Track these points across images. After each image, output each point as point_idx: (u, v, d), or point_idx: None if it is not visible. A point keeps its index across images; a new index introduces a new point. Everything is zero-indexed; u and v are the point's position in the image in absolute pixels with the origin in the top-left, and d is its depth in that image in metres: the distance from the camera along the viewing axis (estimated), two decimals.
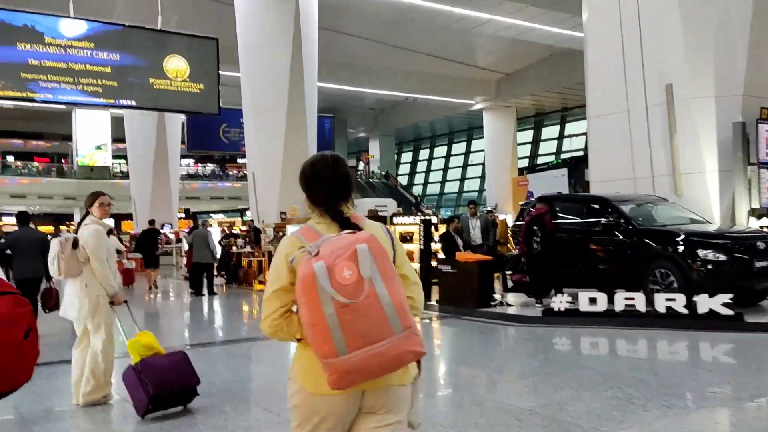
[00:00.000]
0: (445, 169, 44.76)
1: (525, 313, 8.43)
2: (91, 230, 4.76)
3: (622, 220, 8.58)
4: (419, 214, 13.77)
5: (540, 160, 36.77)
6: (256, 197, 17.90)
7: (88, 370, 4.74)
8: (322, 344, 1.78)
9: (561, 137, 37.02)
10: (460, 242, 10.13)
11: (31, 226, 8.84)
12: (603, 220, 8.74)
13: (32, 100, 15.74)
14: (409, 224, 12.09)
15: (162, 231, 18.99)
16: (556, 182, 23.42)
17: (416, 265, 12.35)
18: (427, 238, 9.91)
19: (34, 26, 15.05)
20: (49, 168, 39.36)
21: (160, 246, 16.63)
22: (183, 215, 30.73)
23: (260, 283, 13.83)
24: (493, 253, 9.94)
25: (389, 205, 18.21)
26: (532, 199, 11.32)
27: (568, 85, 29.90)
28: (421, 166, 47.45)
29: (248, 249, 14.84)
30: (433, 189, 45.42)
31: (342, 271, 1.77)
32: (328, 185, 2.04)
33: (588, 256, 8.90)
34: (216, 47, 17.26)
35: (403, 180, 46.15)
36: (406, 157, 49.26)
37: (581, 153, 33.24)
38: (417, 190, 45.53)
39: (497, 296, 9.24)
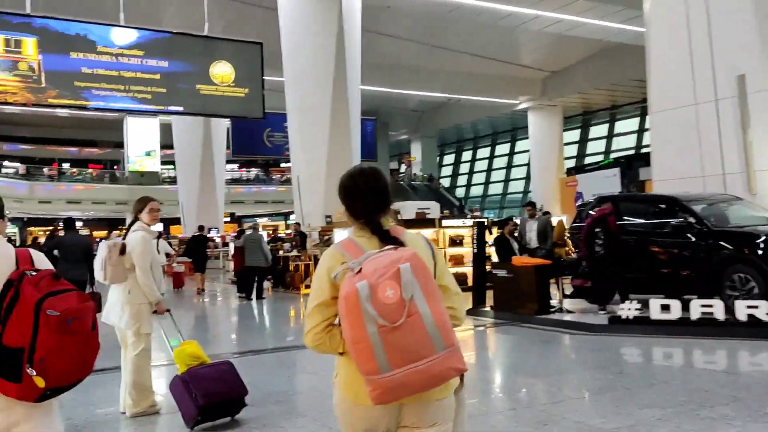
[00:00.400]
0: (489, 170, 44.08)
1: (589, 321, 7.98)
2: (138, 237, 4.70)
3: (693, 221, 8.05)
4: (468, 216, 13.38)
5: (588, 160, 35.90)
6: (300, 200, 17.80)
7: (129, 382, 4.69)
8: (365, 362, 1.81)
9: (610, 136, 35.99)
10: (515, 246, 9.71)
11: (78, 231, 8.97)
12: (672, 221, 8.22)
13: (85, 108, 16.02)
14: (458, 227, 11.74)
15: (209, 236, 19.09)
16: (608, 182, 22.73)
17: (466, 269, 12.03)
18: (481, 241, 9.54)
19: (86, 35, 15.31)
20: (102, 174, 40.44)
21: (208, 251, 16.72)
22: (228, 219, 31.02)
23: (306, 287, 13.69)
24: (551, 256, 9.48)
25: (432, 208, 17.93)
26: (590, 200, 10.83)
27: (619, 81, 29.05)
28: (464, 168, 46.86)
29: (294, 253, 14.72)
30: (476, 191, 44.78)
31: (385, 291, 1.78)
32: (367, 198, 2.04)
33: (655, 259, 8.40)
34: (260, 52, 17.31)
35: (446, 182, 45.67)
36: (449, 159, 48.75)
37: (632, 152, 32.52)
38: (459, 192, 44.99)
39: (555, 302, 8.82)
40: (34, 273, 2.05)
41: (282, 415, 4.71)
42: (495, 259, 9.89)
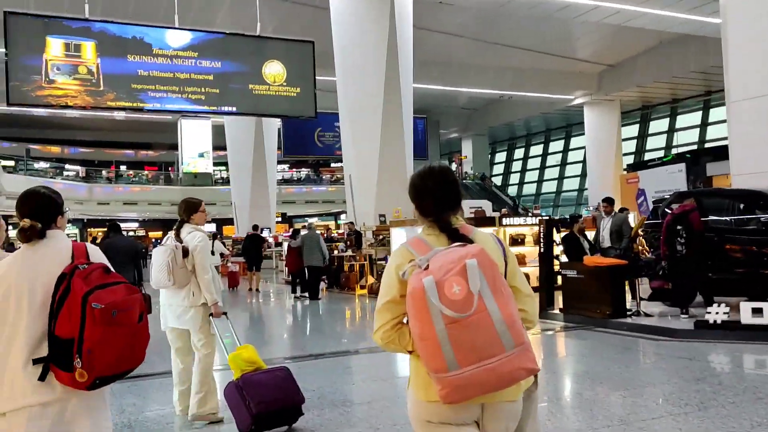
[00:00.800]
0: (542, 168, 43.05)
1: (672, 326, 7.40)
2: (198, 238, 4.62)
3: None
4: (530, 214, 12.83)
5: (647, 156, 34.65)
6: (353, 200, 17.58)
7: (198, 383, 4.59)
8: (433, 359, 1.78)
9: (671, 131, 34.59)
10: (586, 245, 9.15)
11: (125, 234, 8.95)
12: (763, 217, 7.55)
13: (141, 110, 16.18)
14: (520, 225, 11.24)
15: (263, 235, 19.13)
16: (672, 178, 21.70)
17: (529, 269, 11.50)
18: (549, 240, 9.03)
19: (142, 38, 15.45)
20: (157, 176, 41.37)
21: (263, 250, 16.90)
22: (279, 219, 31.17)
23: (362, 287, 13.43)
24: (627, 256, 8.88)
25: (484, 207, 17.52)
26: (663, 196, 10.13)
27: (680, 74, 27.82)
28: (516, 166, 45.92)
29: (349, 253, 14.45)
30: (529, 189, 43.81)
31: (451, 287, 1.76)
32: (436, 196, 2.04)
33: (742, 259, 7.74)
34: (312, 50, 17.17)
35: (497, 181, 44.86)
36: (500, 157, 47.87)
37: (695, 146, 31.12)
38: (511, 191, 44.10)
39: (631, 305, 8.25)
40: (85, 266, 2.13)
41: (341, 425, 4.44)
42: (564, 258, 9.33)
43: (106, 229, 9.37)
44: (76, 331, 2.02)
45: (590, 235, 9.84)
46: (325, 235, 18.64)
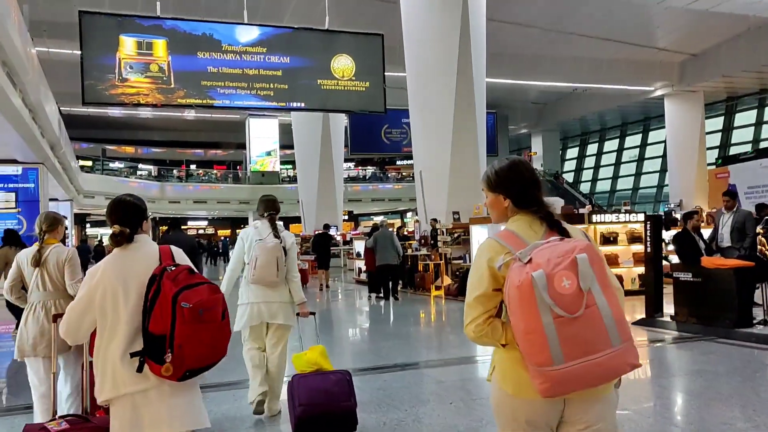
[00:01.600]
0: (617, 164, 41.16)
1: None
2: (292, 237, 4.64)
3: None
4: (622, 211, 11.80)
5: (733, 150, 32.56)
6: (423, 197, 16.94)
7: (280, 382, 4.66)
8: (538, 353, 1.76)
9: (760, 123, 32.26)
10: (701, 244, 8.10)
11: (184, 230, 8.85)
12: None
13: (211, 107, 16.10)
14: (611, 222, 10.30)
15: (332, 234, 18.86)
16: (766, 173, 19.98)
17: (621, 270, 10.55)
18: (657, 238, 8.08)
19: (212, 34, 15.36)
20: (225, 174, 42.04)
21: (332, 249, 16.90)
22: (346, 217, 30.91)
23: (437, 288, 12.77)
24: (753, 257, 7.81)
25: (556, 204, 16.44)
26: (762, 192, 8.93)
27: None
28: (589, 162, 44.10)
29: (424, 251, 13.79)
30: (603, 186, 41.98)
31: (561, 281, 1.74)
32: (528, 187, 2.03)
33: None
34: (381, 43, 16.70)
35: (568, 177, 43.23)
36: (571, 153, 46.11)
37: None
38: (584, 187, 42.37)
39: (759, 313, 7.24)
40: (173, 268, 2.33)
41: None
42: (674, 259, 8.34)
43: (166, 227, 9.31)
44: (168, 328, 2.23)
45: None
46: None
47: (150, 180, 37.53)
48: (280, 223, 4.66)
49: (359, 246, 16.36)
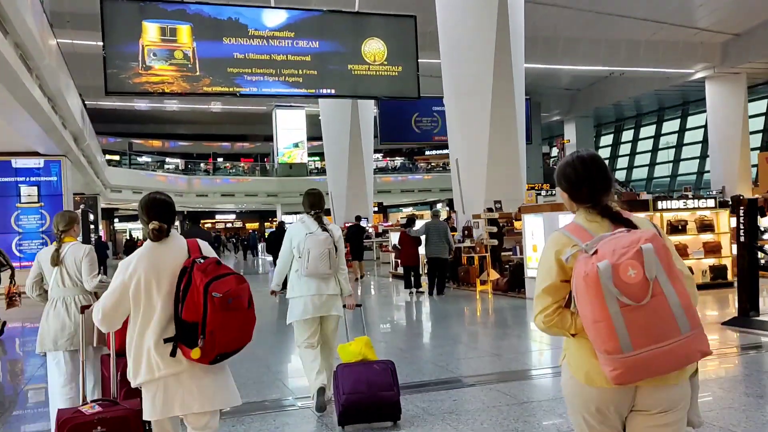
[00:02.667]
0: (654, 150, 39.78)
1: None
2: (339, 230, 4.71)
3: None
4: (690, 196, 10.74)
5: None
6: (460, 186, 16.16)
7: (331, 372, 4.63)
8: (607, 341, 1.80)
9: None
10: None
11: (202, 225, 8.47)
12: None
13: (237, 95, 15.49)
14: (679, 209, 9.41)
15: (365, 226, 18.26)
16: None
17: (690, 262, 9.66)
18: (753, 226, 7.14)
19: (238, 19, 14.74)
20: (253, 167, 41.68)
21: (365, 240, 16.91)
22: (376, 209, 30.23)
23: (482, 283, 11.94)
24: None
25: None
26: None
27: None
28: (624, 149, 42.75)
29: (468, 244, 12.92)
30: (639, 174, 40.66)
31: (627, 271, 1.77)
32: (591, 182, 2.05)
33: None
34: (414, 26, 15.92)
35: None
36: (606, 140, 44.75)
37: None
38: (619, 175, 41.04)
39: None
40: (202, 260, 2.56)
41: None
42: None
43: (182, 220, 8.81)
44: (200, 316, 2.43)
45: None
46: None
47: (177, 173, 37.36)
48: (326, 218, 4.69)
49: (395, 238, 15.67)
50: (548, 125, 44.05)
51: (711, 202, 9.73)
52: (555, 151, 41.76)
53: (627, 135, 42.79)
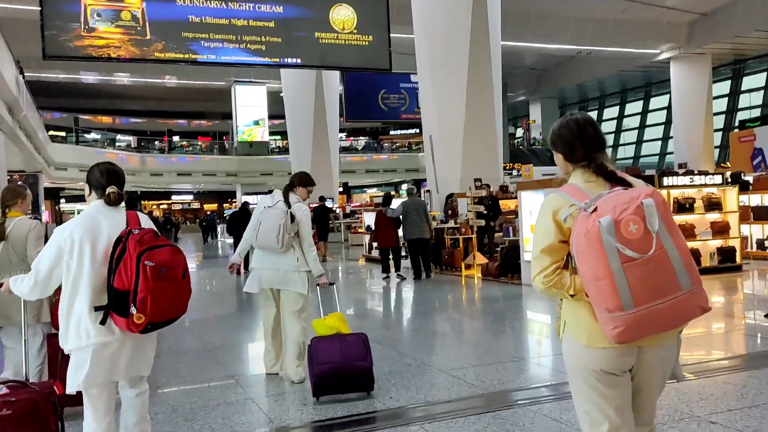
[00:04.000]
0: (617, 132, 39.86)
1: None
2: (304, 210, 4.67)
3: None
4: (694, 173, 10.00)
5: (741, 115, 31.38)
6: (434, 164, 15.32)
7: (297, 351, 4.59)
8: (608, 298, 1.78)
9: None
10: None
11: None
12: None
13: (195, 62, 14.21)
14: (685, 186, 8.72)
15: (331, 207, 17.43)
16: None
17: (697, 243, 9.02)
18: None
19: None
20: (211, 145, 39.98)
21: (331, 221, 16.77)
22: (341, 189, 29.19)
23: (467, 267, 11.03)
24: None
25: (557, 174, 14.88)
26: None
27: None
28: None
29: (451, 225, 11.95)
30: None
31: (628, 226, 1.76)
32: (584, 139, 2.04)
33: None
34: None
35: None
36: None
37: None
38: None
39: None
40: (137, 231, 2.55)
41: None
42: None
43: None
44: (132, 284, 2.45)
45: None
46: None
47: (130, 151, 35.37)
48: (296, 196, 4.67)
49: (369, 219, 14.67)
50: (513, 105, 43.65)
51: (718, 179, 9.07)
52: (520, 132, 41.35)
53: (591, 116, 42.67)
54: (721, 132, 32.56)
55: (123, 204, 2.74)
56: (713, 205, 8.90)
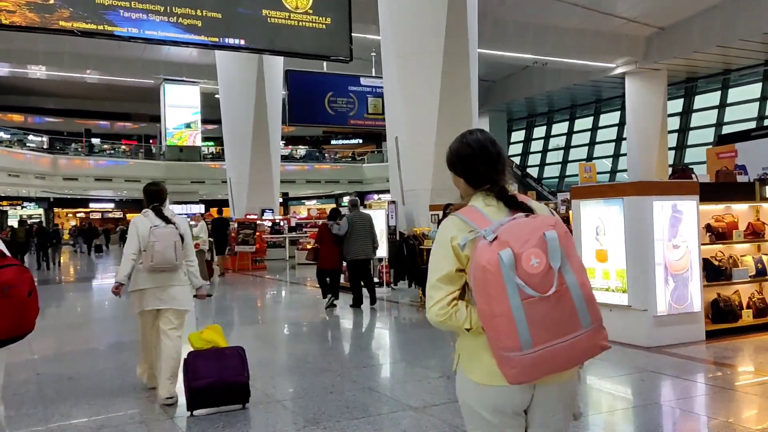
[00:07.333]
0: (567, 148, 39.20)
1: None
2: (186, 223, 4.78)
3: None
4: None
5: (693, 134, 31.21)
6: (400, 171, 13.19)
7: (173, 367, 4.54)
8: (505, 337, 1.71)
9: (723, 105, 30.77)
10: None
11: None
12: None
13: (111, 35, 11.49)
14: None
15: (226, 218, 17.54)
16: None
17: None
18: None
19: None
20: (136, 149, 36.57)
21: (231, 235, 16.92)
22: (281, 200, 26.61)
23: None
24: None
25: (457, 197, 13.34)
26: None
27: (748, 36, 23.75)
28: (536, 146, 41.97)
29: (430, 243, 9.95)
30: (551, 171, 40.00)
31: (529, 260, 1.69)
32: (486, 162, 1.95)
33: None
34: None
35: (515, 161, 40.96)
36: (518, 135, 43.80)
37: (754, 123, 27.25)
38: (532, 172, 40.20)
39: None
40: None
41: None
42: None
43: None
44: None
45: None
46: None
47: (41, 152, 31.50)
48: (171, 208, 4.78)
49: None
50: None
51: None
52: None
53: (539, 131, 42.03)
54: (674, 151, 32.21)
55: None
56: None
